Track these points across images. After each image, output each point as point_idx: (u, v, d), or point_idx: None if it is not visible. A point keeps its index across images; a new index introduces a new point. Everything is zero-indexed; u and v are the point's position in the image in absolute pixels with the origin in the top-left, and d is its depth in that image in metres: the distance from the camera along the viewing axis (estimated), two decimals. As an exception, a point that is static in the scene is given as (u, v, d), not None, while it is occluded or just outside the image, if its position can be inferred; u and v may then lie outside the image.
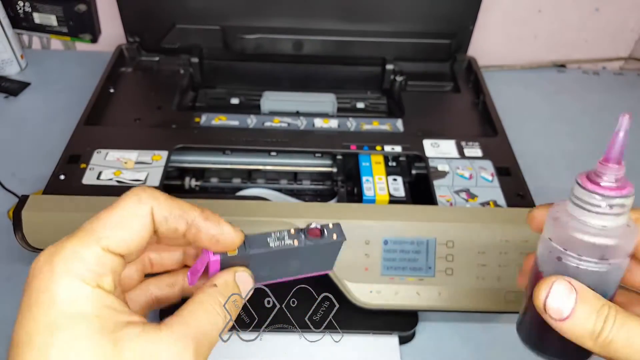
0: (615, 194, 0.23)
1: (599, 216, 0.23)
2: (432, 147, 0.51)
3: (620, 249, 0.23)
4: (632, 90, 0.79)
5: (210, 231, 0.25)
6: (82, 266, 0.22)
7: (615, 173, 0.23)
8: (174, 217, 0.24)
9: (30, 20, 0.76)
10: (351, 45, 0.65)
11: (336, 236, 0.27)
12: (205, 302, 0.24)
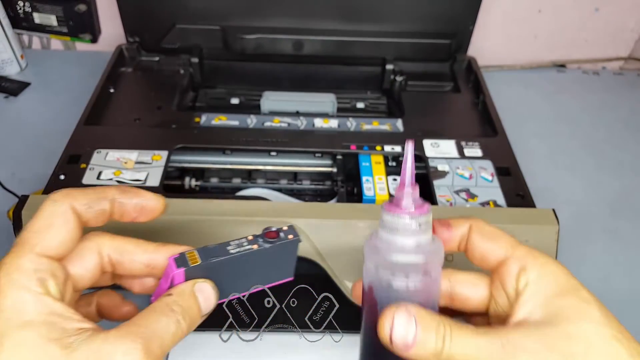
0: (420, 213, 0.25)
1: (413, 236, 0.25)
2: (432, 147, 0.51)
3: (437, 260, 0.26)
4: (632, 90, 0.79)
5: (133, 200, 0.27)
6: (22, 276, 0.23)
7: (412, 195, 0.25)
8: (94, 201, 0.26)
9: (30, 20, 0.76)
10: (351, 45, 0.65)
11: (292, 236, 0.28)
12: (157, 307, 0.25)
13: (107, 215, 0.27)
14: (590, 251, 0.55)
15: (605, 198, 0.62)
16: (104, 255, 0.27)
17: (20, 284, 0.22)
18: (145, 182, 0.45)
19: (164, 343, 0.23)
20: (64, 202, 0.25)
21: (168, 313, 0.24)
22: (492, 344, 0.23)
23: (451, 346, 0.23)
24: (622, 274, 0.53)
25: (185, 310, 0.25)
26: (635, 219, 0.60)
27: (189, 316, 0.25)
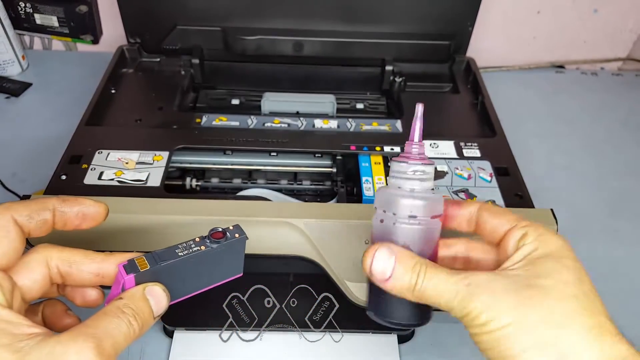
0: (416, 162, 0.29)
1: (407, 181, 0.29)
2: (431, 147, 0.52)
3: (426, 208, 0.29)
4: (631, 91, 0.79)
5: (73, 209, 0.29)
6: None
7: (416, 148, 0.29)
8: (35, 212, 0.27)
9: (31, 21, 0.76)
10: (351, 47, 0.65)
11: (238, 235, 0.29)
12: (109, 310, 0.25)
13: (50, 225, 0.28)
14: (588, 251, 0.55)
15: (604, 198, 0.62)
16: (52, 267, 0.28)
17: None
18: (146, 182, 0.46)
19: (116, 343, 0.24)
20: (5, 215, 0.26)
21: (119, 315, 0.25)
22: (458, 283, 0.26)
23: (424, 282, 0.27)
24: (620, 273, 0.54)
25: (136, 312, 0.26)
26: (634, 219, 0.60)
27: (140, 318, 0.26)
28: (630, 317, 0.50)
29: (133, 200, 0.42)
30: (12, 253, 0.26)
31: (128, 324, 0.25)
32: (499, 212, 0.30)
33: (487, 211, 0.30)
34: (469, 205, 0.31)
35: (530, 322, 0.24)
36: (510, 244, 0.28)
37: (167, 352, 0.45)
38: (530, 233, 0.28)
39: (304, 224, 0.41)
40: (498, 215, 0.30)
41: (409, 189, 0.29)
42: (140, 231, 0.39)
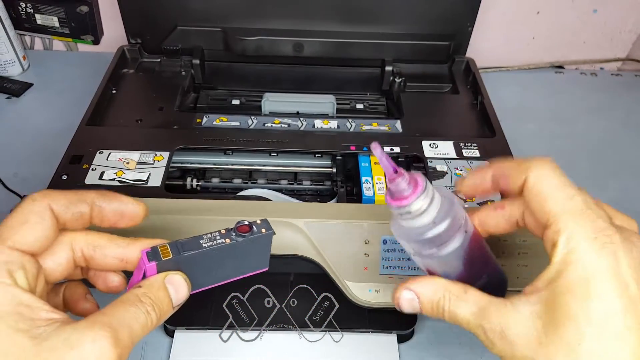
0: (418, 195, 0.26)
1: (421, 216, 0.26)
2: (431, 147, 0.52)
3: (454, 224, 0.27)
4: (630, 91, 0.79)
5: (112, 205, 0.28)
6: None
7: (404, 182, 0.26)
8: (73, 203, 0.27)
9: (32, 21, 0.76)
10: (351, 47, 0.65)
11: (265, 230, 0.28)
12: (126, 299, 0.25)
13: (87, 219, 0.27)
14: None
15: (603, 198, 0.62)
16: (77, 250, 0.27)
17: None
18: (147, 182, 0.46)
19: (133, 332, 0.24)
20: (42, 201, 0.26)
21: (137, 304, 0.25)
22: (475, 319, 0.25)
23: (449, 312, 0.26)
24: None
25: (154, 301, 0.25)
26: (633, 218, 0.60)
27: (158, 307, 0.25)
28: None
29: (134, 200, 0.42)
30: (44, 240, 0.26)
31: (146, 314, 0.25)
32: (542, 200, 0.25)
33: (528, 193, 0.26)
34: (512, 205, 0.28)
35: None
36: (549, 253, 0.24)
37: (167, 351, 0.45)
38: (560, 243, 0.23)
39: (304, 224, 0.41)
40: (540, 204, 0.25)
41: (417, 227, 0.27)
42: (141, 231, 0.39)
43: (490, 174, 0.28)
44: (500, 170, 0.27)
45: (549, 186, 0.25)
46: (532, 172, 0.26)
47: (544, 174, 0.25)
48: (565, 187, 0.25)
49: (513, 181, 0.26)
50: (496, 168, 0.28)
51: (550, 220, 0.24)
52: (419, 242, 0.27)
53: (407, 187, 0.26)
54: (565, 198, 0.24)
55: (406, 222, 0.27)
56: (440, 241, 0.27)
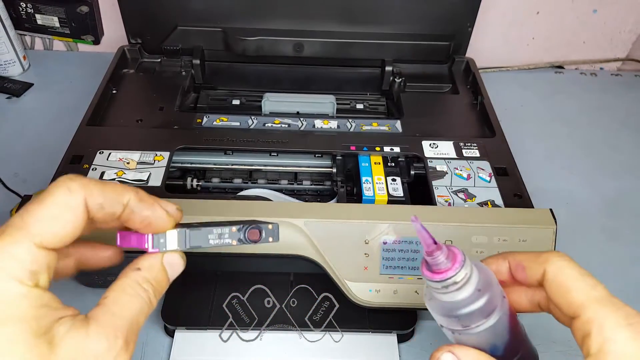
0: (457, 269, 0.25)
1: (460, 290, 0.26)
2: (431, 147, 0.52)
3: (492, 299, 0.26)
4: (630, 91, 0.79)
5: (144, 212, 0.25)
6: (16, 265, 0.21)
7: (442, 255, 0.25)
8: (109, 202, 0.24)
9: (32, 21, 0.76)
10: (351, 47, 0.65)
11: (272, 239, 0.28)
12: (128, 288, 0.24)
13: (116, 220, 0.25)
14: (587, 251, 0.56)
15: (603, 198, 0.62)
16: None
17: (12, 274, 0.21)
18: (147, 182, 0.46)
19: (139, 326, 0.24)
20: (79, 195, 0.23)
21: (141, 293, 0.24)
22: None
23: None
24: (619, 273, 0.54)
25: (155, 287, 0.25)
26: (633, 218, 0.60)
27: (158, 292, 0.25)
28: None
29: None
30: (71, 238, 0.23)
31: (149, 304, 0.25)
32: (565, 288, 0.25)
33: (551, 285, 0.25)
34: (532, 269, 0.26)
35: None
36: (577, 338, 0.24)
37: (167, 351, 0.45)
38: (594, 333, 0.23)
39: (304, 224, 0.41)
40: (563, 292, 0.25)
41: (467, 296, 0.26)
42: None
43: (506, 265, 0.28)
44: (516, 262, 0.27)
45: (570, 277, 0.25)
46: (551, 263, 0.26)
47: (563, 265, 0.25)
48: (586, 277, 0.25)
49: (531, 273, 0.27)
50: (512, 258, 0.28)
51: (578, 311, 0.24)
52: (455, 316, 0.26)
53: (445, 260, 0.26)
54: (589, 287, 0.24)
55: (444, 295, 0.26)
56: (478, 316, 0.26)
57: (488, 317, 0.26)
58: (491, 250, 0.42)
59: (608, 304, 0.23)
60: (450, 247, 0.26)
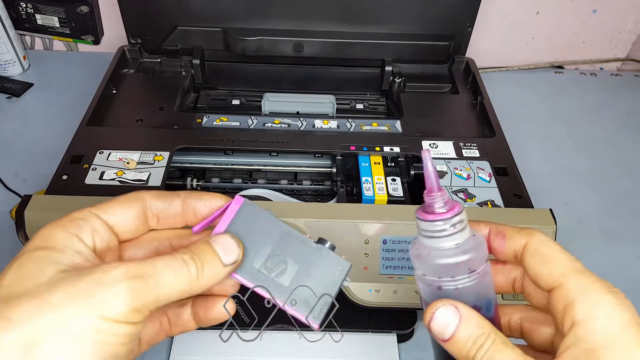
0: (451, 215, 0.25)
1: (450, 237, 0.25)
2: (431, 147, 0.52)
3: (480, 256, 0.25)
4: (629, 91, 0.79)
5: (203, 198, 0.28)
6: (68, 219, 0.25)
7: (441, 199, 0.25)
8: (166, 195, 0.27)
9: (32, 21, 0.76)
10: (351, 47, 0.65)
11: (345, 256, 0.27)
12: (169, 256, 0.24)
13: (178, 211, 0.27)
14: (587, 251, 0.56)
15: (603, 198, 0.62)
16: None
17: (60, 223, 0.24)
18: (147, 182, 0.46)
19: (162, 281, 0.22)
20: (138, 192, 0.27)
21: (175, 254, 0.24)
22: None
23: (487, 357, 0.23)
24: (619, 273, 0.54)
25: (195, 252, 0.24)
26: (632, 218, 0.60)
27: (200, 259, 0.24)
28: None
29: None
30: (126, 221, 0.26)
31: (182, 262, 0.23)
32: (545, 259, 0.25)
33: (531, 255, 0.25)
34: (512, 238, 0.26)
35: None
36: (556, 314, 0.24)
37: (167, 351, 0.45)
38: (579, 300, 0.23)
39: (304, 224, 0.41)
40: (543, 262, 0.25)
41: (455, 245, 0.25)
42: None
43: (486, 231, 0.27)
44: (499, 230, 0.27)
45: (552, 249, 0.25)
46: (533, 236, 0.26)
47: (545, 240, 0.25)
48: (567, 252, 0.25)
49: (511, 242, 0.26)
50: (494, 225, 0.27)
51: (560, 280, 0.24)
52: (437, 266, 0.25)
53: (444, 205, 0.25)
54: (570, 260, 0.25)
55: (433, 240, 0.25)
56: (464, 268, 0.25)
57: (475, 272, 0.25)
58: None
59: (589, 275, 0.24)
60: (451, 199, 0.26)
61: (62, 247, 0.23)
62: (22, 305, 0.20)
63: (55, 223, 0.24)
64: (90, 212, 0.25)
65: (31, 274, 0.22)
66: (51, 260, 0.22)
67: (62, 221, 0.24)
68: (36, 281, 0.21)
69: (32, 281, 0.21)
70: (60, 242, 0.23)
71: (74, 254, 0.23)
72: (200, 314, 0.28)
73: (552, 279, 0.24)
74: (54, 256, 0.23)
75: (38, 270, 0.22)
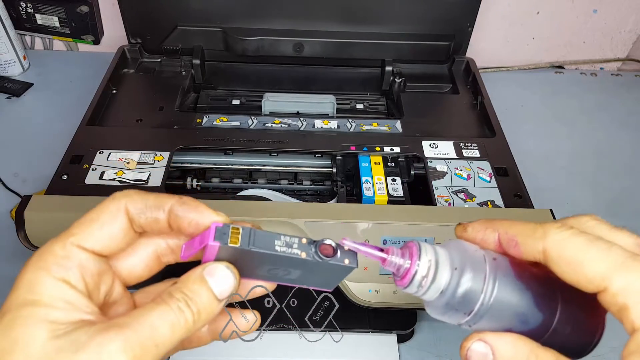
0: (417, 261, 0.23)
1: (435, 281, 0.23)
2: (431, 147, 0.52)
3: (477, 269, 0.23)
4: (630, 91, 0.79)
5: (189, 215, 0.24)
6: (51, 259, 0.22)
7: (397, 257, 0.23)
8: (150, 208, 0.24)
9: (32, 21, 0.76)
10: (351, 47, 0.65)
11: (348, 261, 0.25)
12: (158, 297, 0.23)
13: (164, 226, 0.25)
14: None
15: (603, 198, 0.62)
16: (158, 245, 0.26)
17: (44, 266, 0.22)
18: (147, 182, 0.46)
19: (156, 334, 0.21)
20: (119, 201, 0.24)
21: (167, 300, 0.22)
22: None
23: None
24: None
25: (188, 295, 0.23)
26: (632, 218, 0.60)
27: (195, 302, 0.23)
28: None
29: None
30: (112, 241, 0.24)
31: (177, 310, 0.22)
32: (576, 262, 0.21)
33: (558, 263, 0.21)
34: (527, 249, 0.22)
35: None
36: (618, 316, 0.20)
37: (167, 351, 0.45)
38: (633, 306, 0.19)
39: (304, 224, 0.41)
40: (575, 267, 0.21)
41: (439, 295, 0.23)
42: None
43: (495, 236, 0.24)
44: (509, 235, 0.23)
45: (578, 248, 0.21)
46: (550, 239, 0.22)
47: (565, 237, 0.21)
48: (596, 242, 0.21)
49: (527, 250, 0.22)
50: (503, 230, 0.24)
51: (603, 284, 0.20)
52: (454, 309, 0.23)
53: (404, 260, 0.23)
54: (605, 253, 0.21)
55: (427, 294, 0.23)
56: (474, 294, 0.22)
57: (485, 288, 0.22)
58: (491, 250, 0.42)
59: (634, 266, 0.20)
60: (404, 245, 0.23)
61: (51, 299, 0.21)
62: None
63: (38, 266, 0.22)
64: (71, 244, 0.23)
65: (21, 340, 0.20)
66: (41, 319, 0.21)
67: (45, 263, 0.22)
68: (28, 351, 0.20)
69: (24, 352, 0.20)
70: (47, 293, 0.22)
71: (66, 308, 0.21)
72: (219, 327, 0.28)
73: (593, 286, 0.21)
74: (43, 314, 0.21)
75: (29, 336, 0.20)
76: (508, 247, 0.23)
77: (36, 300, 0.21)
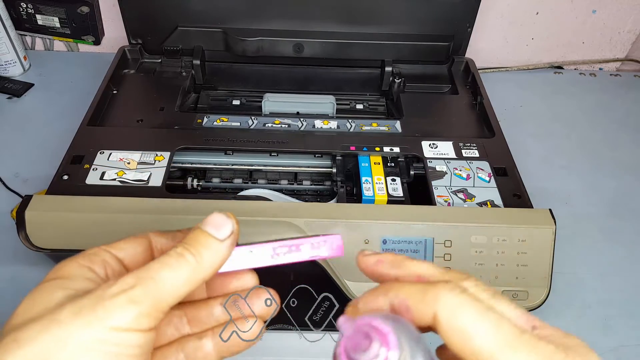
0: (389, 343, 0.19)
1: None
2: (430, 148, 0.52)
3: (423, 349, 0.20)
4: (629, 92, 0.80)
5: None
6: (80, 255, 0.25)
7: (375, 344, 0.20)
8: (169, 235, 0.27)
9: (33, 21, 0.77)
10: (351, 48, 0.66)
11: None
12: (162, 255, 0.23)
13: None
14: (587, 251, 0.56)
15: (602, 198, 0.63)
16: None
17: (73, 259, 0.24)
18: (148, 182, 0.46)
19: (161, 282, 0.22)
20: (144, 233, 0.27)
21: (168, 252, 0.23)
22: None
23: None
24: (618, 273, 0.54)
25: (188, 242, 0.23)
26: (632, 218, 0.60)
27: (195, 247, 0.23)
28: (630, 317, 0.50)
29: (135, 200, 0.42)
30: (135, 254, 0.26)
31: (177, 256, 0.23)
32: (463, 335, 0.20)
33: (445, 333, 0.20)
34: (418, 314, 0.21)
35: None
36: None
37: (168, 350, 0.45)
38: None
39: (304, 224, 0.41)
40: (464, 341, 0.20)
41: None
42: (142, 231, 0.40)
43: (387, 303, 0.22)
44: (399, 300, 0.22)
45: (469, 318, 0.20)
46: (442, 303, 0.20)
47: (457, 304, 0.20)
48: (486, 314, 0.20)
49: (418, 315, 0.21)
50: (393, 294, 0.22)
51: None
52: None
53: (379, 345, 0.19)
54: (494, 327, 0.19)
55: None
56: None
57: None
58: (490, 250, 0.42)
59: (522, 347, 0.19)
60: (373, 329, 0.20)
61: (73, 275, 0.23)
62: (29, 326, 0.21)
63: (68, 259, 0.24)
64: (100, 248, 0.25)
65: (40, 300, 0.22)
66: (60, 286, 0.22)
67: (75, 257, 0.25)
68: (44, 305, 0.22)
69: (41, 306, 0.22)
70: (71, 272, 0.24)
71: (84, 281, 0.23)
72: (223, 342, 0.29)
73: (479, 359, 0.19)
74: (63, 283, 0.23)
75: (47, 296, 0.22)
76: (400, 311, 0.22)
77: (59, 276, 0.23)
